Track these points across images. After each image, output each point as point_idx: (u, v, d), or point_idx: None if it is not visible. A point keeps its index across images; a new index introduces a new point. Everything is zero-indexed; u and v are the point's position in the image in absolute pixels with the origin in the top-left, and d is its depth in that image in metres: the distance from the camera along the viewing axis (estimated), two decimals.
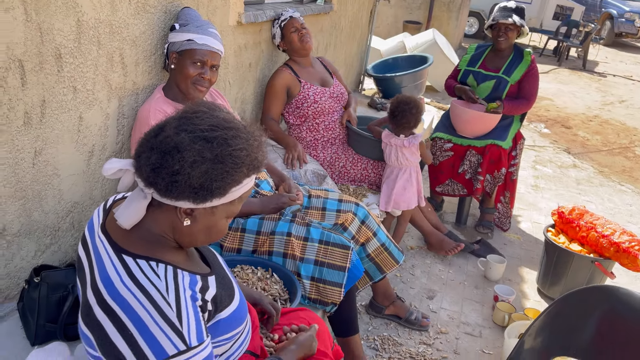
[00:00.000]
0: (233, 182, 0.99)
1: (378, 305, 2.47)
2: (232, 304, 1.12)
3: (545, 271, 2.82)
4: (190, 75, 1.91)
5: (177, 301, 0.95)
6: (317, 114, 2.95)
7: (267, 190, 2.12)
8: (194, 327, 0.96)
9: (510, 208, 3.54)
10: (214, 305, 1.06)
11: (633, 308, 1.25)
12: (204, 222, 1.03)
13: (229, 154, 0.97)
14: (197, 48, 1.90)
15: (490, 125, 3.30)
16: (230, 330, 1.11)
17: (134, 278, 0.95)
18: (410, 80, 5.68)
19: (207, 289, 1.05)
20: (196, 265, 1.11)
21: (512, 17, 3.29)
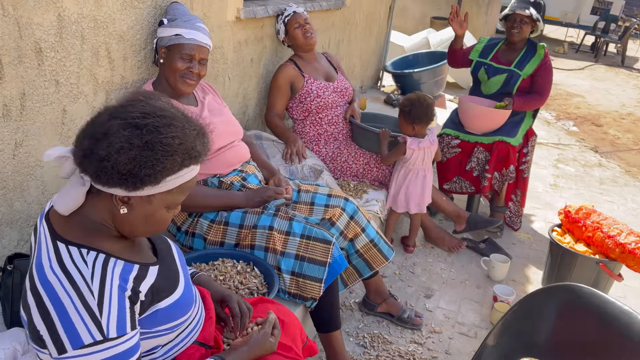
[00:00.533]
0: (165, 170, 0.99)
1: (370, 303, 2.45)
2: (173, 295, 1.13)
3: (550, 272, 2.72)
4: (179, 69, 1.93)
5: (100, 290, 0.96)
6: (321, 109, 2.94)
7: (255, 183, 2.12)
8: (114, 318, 0.96)
9: (521, 207, 3.44)
10: (150, 295, 1.06)
11: (596, 306, 1.20)
12: (141, 211, 1.04)
13: (159, 142, 0.97)
14: (185, 42, 1.92)
15: (498, 121, 3.21)
16: (170, 320, 1.12)
17: (62, 264, 0.97)
18: (429, 77, 5.59)
19: (143, 278, 1.06)
20: (139, 254, 1.12)
21: (529, 9, 3.19)
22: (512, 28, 3.26)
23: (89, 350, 0.93)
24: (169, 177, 1.01)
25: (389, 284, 2.71)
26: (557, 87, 8.59)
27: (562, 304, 1.26)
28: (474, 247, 3.15)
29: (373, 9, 4.98)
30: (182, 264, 1.27)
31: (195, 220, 2.01)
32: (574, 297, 1.24)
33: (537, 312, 1.29)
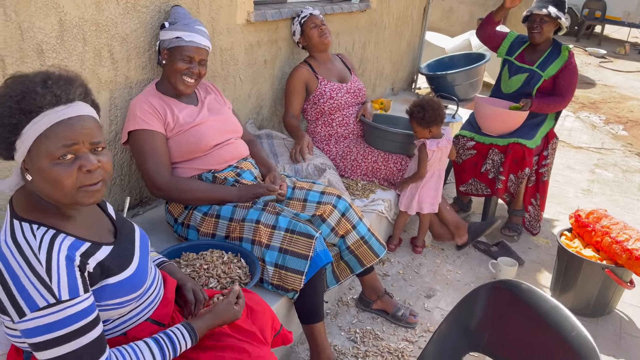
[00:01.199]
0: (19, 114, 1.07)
1: (366, 299, 2.47)
2: (123, 274, 1.22)
3: (557, 277, 2.65)
4: (180, 70, 2.05)
5: (47, 259, 1.07)
6: (333, 110, 3.00)
7: (249, 179, 2.21)
8: (65, 282, 1.07)
9: (540, 211, 3.35)
10: (99, 270, 1.17)
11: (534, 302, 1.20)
12: (36, 173, 1.11)
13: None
14: (185, 45, 2.04)
15: (514, 123, 3.15)
16: (118, 296, 1.21)
17: (14, 238, 1.09)
18: (463, 78, 5.50)
19: (91, 254, 1.16)
20: (94, 233, 1.23)
21: (547, 8, 3.11)
22: (532, 29, 3.19)
23: (45, 312, 1.04)
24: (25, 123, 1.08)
25: (391, 283, 2.73)
26: (612, 89, 8.19)
27: (504, 300, 1.27)
28: (485, 250, 3.10)
29: (404, 12, 4.98)
30: (142, 249, 1.36)
31: (190, 213, 2.12)
32: (512, 293, 1.24)
33: (479, 308, 1.30)
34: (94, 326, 1.11)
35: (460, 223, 3.05)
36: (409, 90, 5.75)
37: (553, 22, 3.17)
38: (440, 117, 2.80)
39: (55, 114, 1.09)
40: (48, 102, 1.08)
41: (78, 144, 1.11)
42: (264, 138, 2.98)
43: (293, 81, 3.00)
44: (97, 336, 1.11)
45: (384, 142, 3.00)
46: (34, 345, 1.06)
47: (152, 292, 1.35)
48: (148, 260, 1.37)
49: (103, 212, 1.35)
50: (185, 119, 2.09)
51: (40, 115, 1.08)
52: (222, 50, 2.66)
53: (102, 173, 1.16)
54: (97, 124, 1.17)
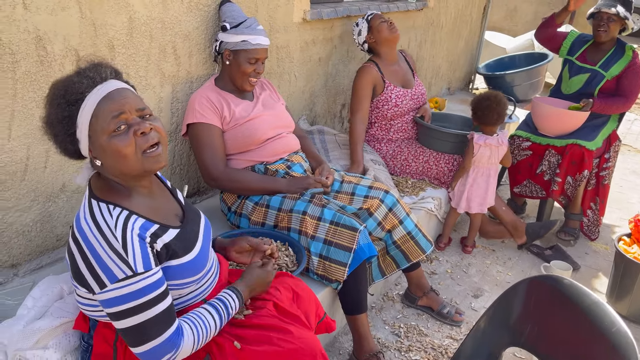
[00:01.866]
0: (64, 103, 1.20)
1: (412, 296, 2.49)
2: (185, 257, 1.31)
3: (613, 284, 2.55)
4: (247, 72, 2.16)
5: (123, 236, 1.17)
6: (395, 116, 3.01)
7: (299, 172, 2.28)
8: (139, 257, 1.17)
9: (600, 216, 3.23)
10: (165, 250, 1.26)
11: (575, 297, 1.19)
12: (102, 153, 1.21)
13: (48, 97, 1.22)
14: (251, 48, 2.14)
15: (573, 124, 3.06)
16: (180, 278, 1.30)
17: (93, 216, 1.20)
18: (523, 79, 5.36)
19: (159, 235, 1.26)
20: (162, 217, 1.33)
21: (615, 7, 3.00)
22: (599, 27, 3.09)
23: (125, 283, 1.15)
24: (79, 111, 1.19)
25: (438, 281, 2.72)
26: None
27: (545, 295, 1.26)
28: (538, 253, 3.03)
29: (463, 11, 4.92)
30: (206, 234, 1.46)
31: (242, 202, 2.21)
32: (554, 288, 1.23)
33: (519, 303, 1.30)
34: (165, 296, 1.21)
35: (518, 223, 3.00)
36: (465, 90, 5.67)
37: (620, 22, 3.05)
38: (500, 119, 2.78)
39: (96, 93, 1.19)
40: (86, 85, 1.19)
41: (125, 112, 1.19)
42: (315, 134, 3.05)
43: (362, 82, 2.91)
44: (168, 306, 1.22)
45: (437, 142, 2.98)
46: (113, 314, 1.17)
47: (210, 276, 1.45)
48: (209, 246, 1.46)
49: (173, 197, 1.46)
50: (241, 113, 2.19)
51: (84, 101, 1.18)
52: (278, 47, 2.75)
53: (157, 135, 1.24)
54: (136, 95, 1.27)
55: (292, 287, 1.71)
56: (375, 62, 2.98)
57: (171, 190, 1.48)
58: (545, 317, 1.26)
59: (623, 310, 2.50)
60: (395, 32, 2.95)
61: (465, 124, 3.23)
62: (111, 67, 1.28)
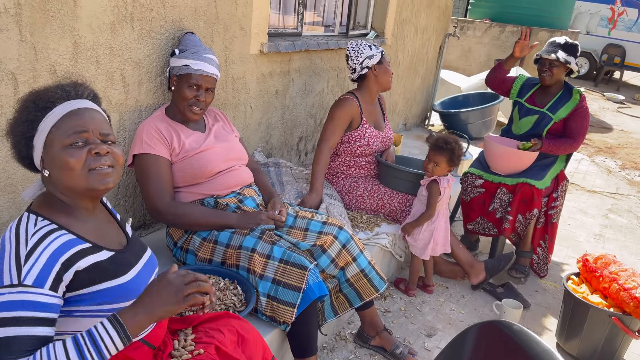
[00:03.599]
0: (28, 113, 1.20)
1: (364, 335, 2.42)
2: (117, 280, 1.22)
3: (563, 323, 2.57)
4: (187, 97, 2.09)
5: (34, 245, 1.09)
6: (362, 155, 2.99)
7: (251, 206, 2.21)
8: (36, 271, 1.08)
9: (549, 253, 3.28)
10: (95, 270, 1.17)
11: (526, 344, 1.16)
12: (53, 165, 1.18)
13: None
14: (192, 73, 2.09)
15: (523, 163, 3.13)
16: (112, 302, 1.20)
17: (18, 225, 1.14)
18: (477, 117, 5.53)
19: (88, 253, 1.18)
20: (101, 238, 1.25)
21: (556, 53, 3.13)
22: (542, 72, 3.21)
23: (3, 291, 1.05)
24: (44, 118, 1.19)
25: (391, 319, 2.68)
26: (629, 135, 8.12)
27: (495, 341, 1.23)
28: (491, 291, 3.03)
29: (420, 49, 5.04)
30: (147, 267, 1.37)
31: (189, 237, 2.12)
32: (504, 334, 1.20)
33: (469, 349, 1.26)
34: (40, 324, 1.06)
35: (474, 262, 3.01)
36: (421, 126, 5.78)
37: (563, 66, 3.17)
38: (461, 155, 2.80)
39: (65, 105, 1.20)
40: (59, 96, 1.20)
41: (88, 131, 1.19)
42: (271, 166, 3.00)
43: (342, 112, 2.85)
44: (37, 336, 1.05)
45: (398, 182, 2.97)
46: None
47: None
48: (148, 280, 1.36)
49: (120, 228, 1.38)
50: (191, 145, 2.12)
51: (52, 110, 1.19)
52: (234, 78, 2.71)
53: (112, 159, 1.23)
54: (106, 120, 1.27)
55: (237, 329, 1.62)
56: (357, 96, 2.94)
57: (119, 223, 1.40)
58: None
59: (573, 350, 2.52)
60: (391, 83, 2.95)
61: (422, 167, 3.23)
62: (90, 90, 1.29)
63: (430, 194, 2.73)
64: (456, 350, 1.30)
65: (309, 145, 3.65)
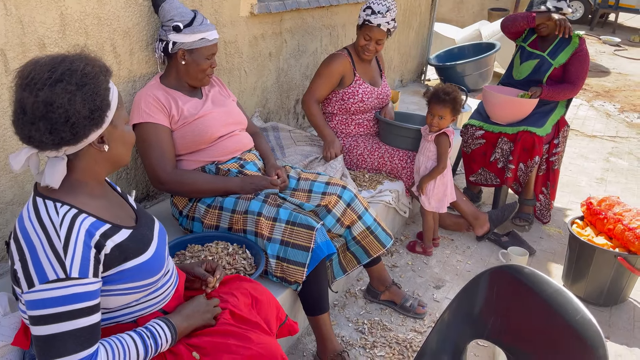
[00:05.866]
0: (104, 90, 1.14)
1: (374, 290, 2.46)
2: (139, 258, 1.23)
3: (569, 266, 2.60)
4: (205, 69, 2.08)
5: (67, 236, 1.08)
6: (358, 112, 2.96)
7: (253, 171, 2.20)
8: (78, 261, 1.08)
9: (551, 200, 3.30)
10: (117, 252, 1.18)
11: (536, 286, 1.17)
12: (116, 139, 1.20)
13: (82, 75, 1.10)
14: (209, 45, 2.06)
15: (523, 111, 3.10)
16: (135, 280, 1.22)
17: (38, 214, 1.11)
18: (473, 69, 5.46)
19: (110, 235, 1.17)
20: (115, 217, 1.24)
21: (545, 4, 3.08)
22: (538, 25, 3.15)
23: (53, 286, 1.05)
24: (109, 96, 1.16)
25: (399, 274, 2.71)
26: (626, 77, 8.04)
27: (506, 285, 1.24)
28: (495, 240, 3.06)
29: (412, 2, 4.93)
30: (160, 238, 1.37)
31: (194, 205, 2.12)
32: (515, 278, 1.21)
33: (481, 295, 1.28)
34: (92, 312, 1.11)
35: (478, 213, 3.03)
36: (418, 81, 5.71)
37: (556, 13, 3.11)
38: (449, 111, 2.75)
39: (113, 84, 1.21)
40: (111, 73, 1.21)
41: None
42: (270, 130, 2.98)
43: (331, 68, 2.84)
44: (93, 324, 1.11)
45: (398, 139, 2.96)
46: (32, 318, 1.07)
47: (168, 284, 1.36)
48: (165, 250, 1.38)
49: (125, 201, 1.38)
50: (189, 111, 2.09)
51: (111, 84, 1.19)
52: (226, 43, 2.66)
53: None
54: None
55: (250, 291, 1.64)
56: (350, 52, 2.91)
57: (122, 195, 1.40)
58: (508, 307, 1.24)
59: (580, 292, 2.56)
60: (365, 55, 2.86)
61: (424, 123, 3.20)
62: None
63: (440, 148, 2.71)
64: (469, 296, 1.32)
65: None
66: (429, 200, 2.79)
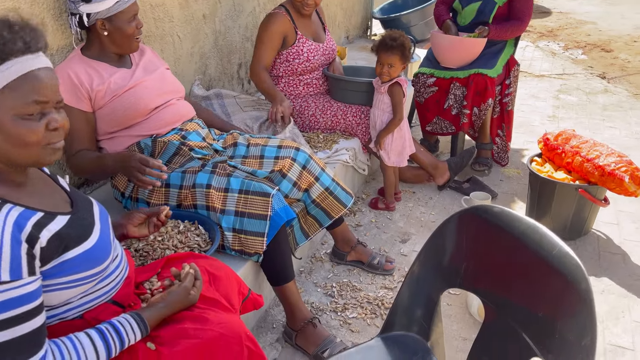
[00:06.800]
0: None
1: (340, 252, 2.37)
2: (83, 245, 1.09)
3: (531, 205, 2.59)
4: (132, 33, 1.89)
5: None
6: (305, 71, 2.80)
7: (198, 140, 2.04)
8: (7, 261, 0.92)
9: (507, 141, 3.28)
10: (56, 242, 1.03)
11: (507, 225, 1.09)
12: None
13: None
14: (127, 6, 1.85)
15: (473, 52, 3.03)
16: (81, 271, 1.08)
17: None
18: (418, 18, 5.34)
19: (45, 225, 1.02)
20: (47, 204, 1.08)
21: None
22: None
23: None
24: None
25: (364, 232, 2.63)
26: (567, 16, 8.14)
27: (475, 228, 1.16)
28: (457, 188, 3.02)
29: None
30: (103, 221, 1.23)
31: (136, 186, 1.95)
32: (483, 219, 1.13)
33: (450, 242, 1.19)
34: (35, 315, 0.96)
35: (437, 163, 2.97)
36: (364, 37, 5.57)
37: None
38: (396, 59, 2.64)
39: (25, 62, 0.98)
40: (18, 49, 0.98)
41: (48, 103, 1.02)
42: (213, 98, 2.79)
43: (270, 30, 2.65)
44: (36, 328, 0.97)
45: (350, 94, 2.83)
46: None
47: (118, 271, 1.23)
48: (110, 234, 1.23)
49: (55, 184, 1.21)
50: (118, 83, 1.90)
51: (7, 63, 0.96)
52: (152, 6, 2.44)
53: (63, 131, 1.08)
54: (58, 82, 1.06)
55: (206, 268, 1.52)
56: (288, 9, 2.70)
57: (52, 178, 1.23)
58: (479, 251, 1.17)
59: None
60: (303, 8, 2.66)
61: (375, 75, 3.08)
62: (45, 38, 1.05)
63: (395, 98, 2.61)
64: (437, 245, 1.23)
65: None
66: (388, 155, 2.71)
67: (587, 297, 0.90)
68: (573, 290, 0.93)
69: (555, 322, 0.96)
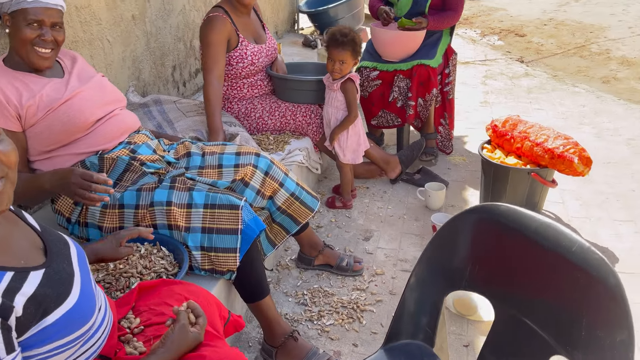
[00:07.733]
0: None
1: (306, 257, 2.29)
2: (64, 305, 0.92)
3: (485, 191, 2.64)
4: (28, 39, 1.63)
5: None
6: (249, 75, 2.66)
7: (148, 154, 1.87)
8: None
9: (450, 129, 3.34)
10: (32, 308, 0.86)
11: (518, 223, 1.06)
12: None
13: None
14: (28, 7, 1.61)
15: (413, 44, 3.03)
16: (62, 337, 0.92)
17: None
18: (345, 11, 5.32)
19: (17, 287, 0.85)
20: (15, 255, 0.91)
21: None
22: None
23: None
24: None
25: (326, 233, 2.57)
26: (480, 3, 8.49)
27: (480, 229, 1.12)
28: (409, 180, 3.03)
29: None
30: (82, 265, 1.06)
31: (83, 209, 1.75)
32: (490, 219, 1.10)
33: (455, 242, 1.15)
34: None
35: (389, 157, 2.96)
36: (292, 31, 5.48)
37: None
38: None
39: None
40: None
41: None
42: (152, 105, 2.60)
43: (216, 35, 2.44)
44: None
45: (297, 93, 2.74)
46: None
47: (104, 323, 1.07)
48: (91, 282, 1.06)
49: (22, 222, 1.02)
50: (51, 96, 1.70)
51: None
52: (77, 8, 2.21)
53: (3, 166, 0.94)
54: None
55: (184, 295, 1.38)
56: (226, 9, 2.51)
57: (17, 214, 1.03)
58: (488, 251, 1.13)
59: None
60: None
61: (320, 72, 2.99)
62: None
63: (348, 95, 2.55)
64: (439, 248, 1.19)
65: (185, 73, 3.23)
66: (344, 152, 2.65)
67: (617, 292, 0.88)
68: (599, 286, 0.91)
69: (580, 319, 0.95)
